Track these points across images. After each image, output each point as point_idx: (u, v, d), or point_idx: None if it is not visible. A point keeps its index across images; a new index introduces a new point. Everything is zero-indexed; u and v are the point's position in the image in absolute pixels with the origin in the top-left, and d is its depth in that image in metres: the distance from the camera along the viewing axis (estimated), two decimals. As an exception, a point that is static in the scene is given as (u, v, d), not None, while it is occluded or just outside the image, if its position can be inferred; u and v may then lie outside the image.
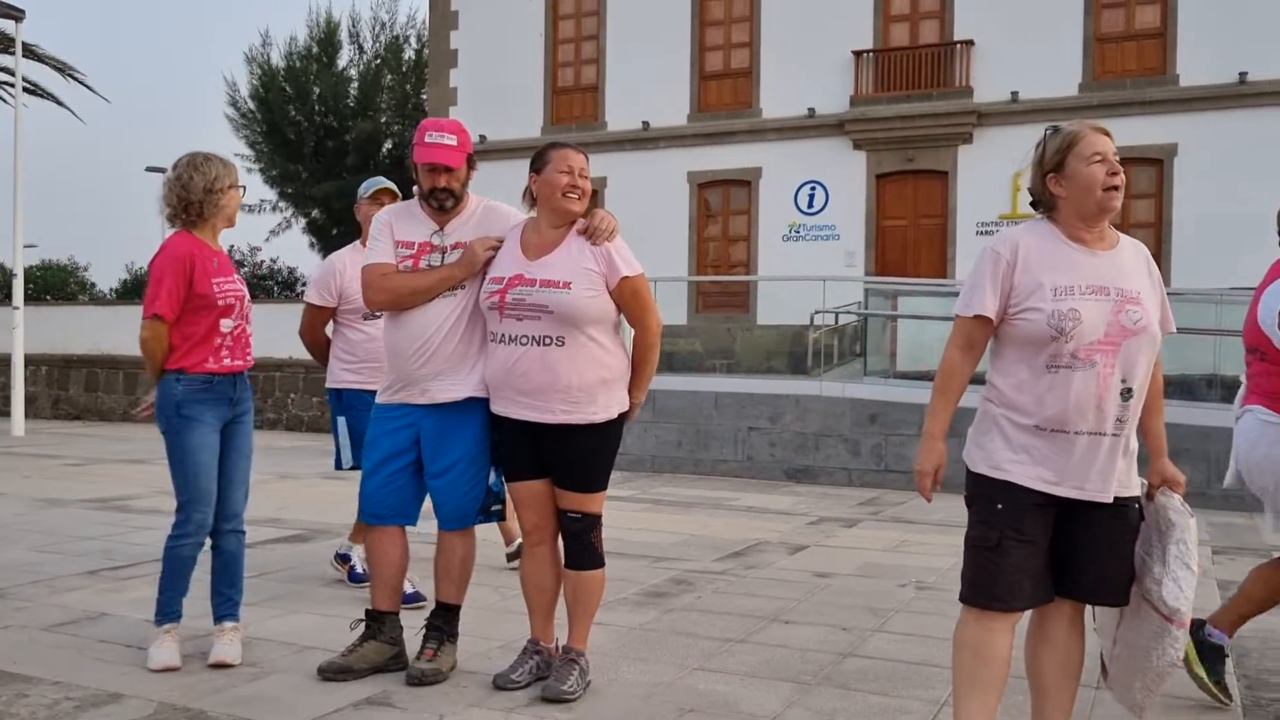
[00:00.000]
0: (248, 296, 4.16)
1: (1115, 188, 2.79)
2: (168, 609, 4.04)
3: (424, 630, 3.94)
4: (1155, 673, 2.87)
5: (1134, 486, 2.88)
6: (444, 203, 3.80)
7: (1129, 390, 2.77)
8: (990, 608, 2.83)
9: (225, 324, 4.03)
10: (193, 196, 3.99)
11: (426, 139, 3.78)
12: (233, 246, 28.74)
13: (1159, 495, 2.93)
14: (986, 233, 18.41)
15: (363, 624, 3.97)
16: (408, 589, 4.91)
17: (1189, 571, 2.77)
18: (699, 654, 4.25)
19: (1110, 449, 2.79)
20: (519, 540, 4.63)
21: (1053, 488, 2.80)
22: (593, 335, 3.63)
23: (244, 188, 4.22)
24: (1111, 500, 2.81)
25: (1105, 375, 2.75)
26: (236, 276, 4.13)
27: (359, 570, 5.30)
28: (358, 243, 5.10)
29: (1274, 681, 4.10)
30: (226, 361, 4.04)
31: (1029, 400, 2.80)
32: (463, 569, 3.95)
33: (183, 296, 3.95)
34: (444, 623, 3.94)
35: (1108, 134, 2.86)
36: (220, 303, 4.00)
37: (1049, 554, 2.85)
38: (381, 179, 5.24)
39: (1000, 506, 2.83)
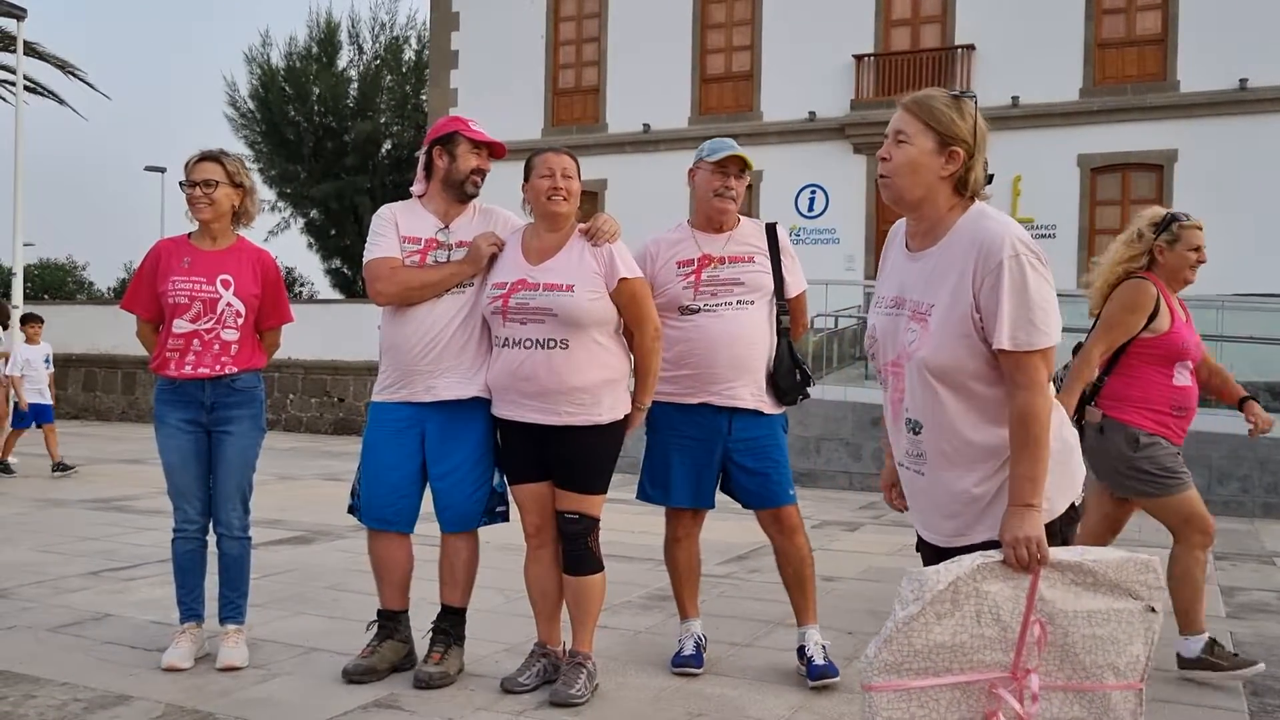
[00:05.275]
0: (227, 300, 3.97)
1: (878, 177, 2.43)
2: (179, 607, 4.08)
3: (431, 634, 3.94)
4: None
5: (980, 534, 2.37)
6: (478, 185, 3.85)
7: (911, 422, 2.40)
8: None
9: (180, 325, 3.94)
10: None
11: (474, 126, 3.86)
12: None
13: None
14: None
15: (376, 625, 3.98)
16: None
17: (881, 631, 2.26)
18: (705, 657, 4.24)
19: (914, 484, 2.47)
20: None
21: (919, 530, 2.54)
22: (596, 337, 3.64)
23: (192, 183, 3.94)
24: (948, 547, 2.41)
25: (895, 400, 2.45)
26: (222, 279, 3.97)
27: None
28: (684, 222, 4.15)
29: (1280, 688, 4.10)
30: (188, 369, 3.96)
31: None
32: (467, 572, 3.95)
33: (147, 293, 4.01)
34: (450, 626, 3.93)
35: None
36: (170, 301, 3.93)
37: None
38: (730, 142, 4.02)
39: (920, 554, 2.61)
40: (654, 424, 4.05)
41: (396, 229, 3.82)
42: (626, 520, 7.83)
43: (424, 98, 27.80)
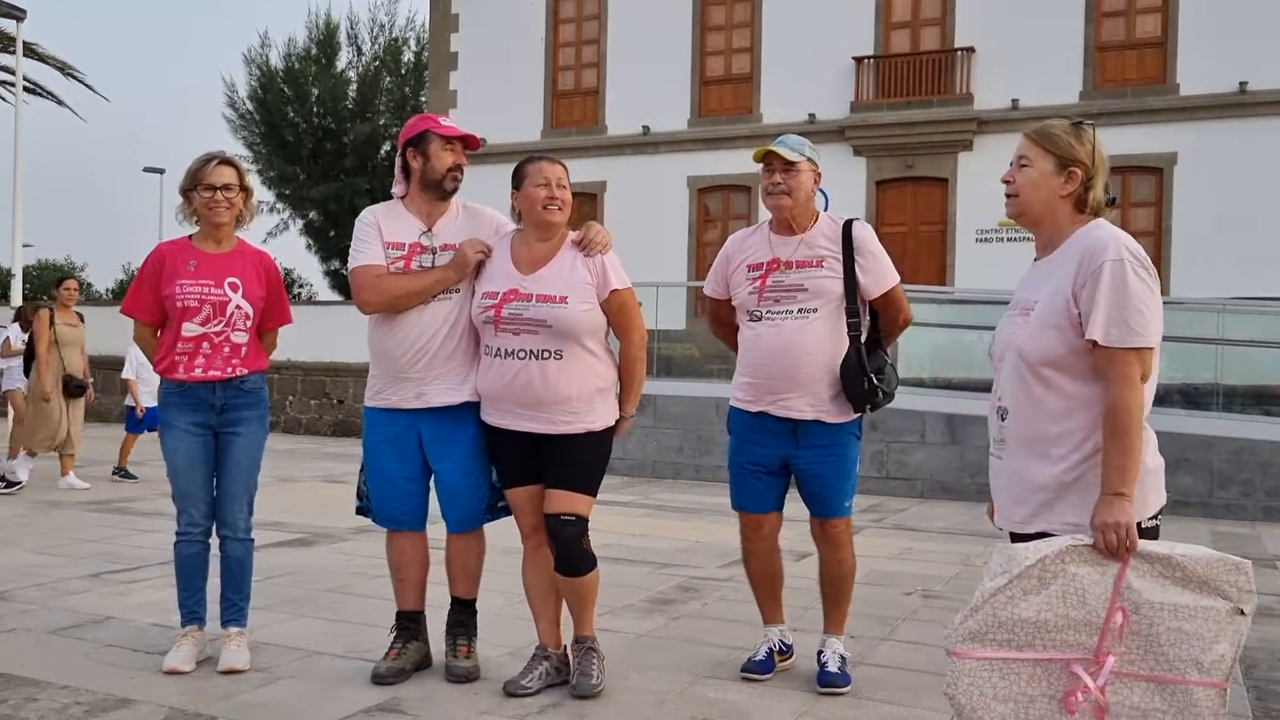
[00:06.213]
0: (236, 302, 3.97)
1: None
2: (181, 610, 4.06)
3: (452, 629, 3.97)
4: None
5: (1040, 524, 2.53)
6: (457, 181, 3.81)
7: (1001, 409, 2.63)
8: None
9: (189, 328, 3.92)
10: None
11: (444, 122, 3.83)
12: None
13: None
14: (985, 240, 18.43)
15: (396, 627, 3.99)
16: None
17: (970, 600, 2.39)
18: (708, 662, 4.24)
19: (994, 468, 2.68)
20: None
21: (997, 518, 2.71)
22: (588, 346, 3.66)
23: (212, 188, 3.91)
24: (1018, 533, 2.55)
25: (995, 391, 2.68)
26: (230, 282, 3.96)
27: None
28: (765, 223, 4.09)
29: (1284, 693, 4.09)
30: (198, 372, 3.94)
31: None
32: (479, 564, 4.00)
33: (150, 297, 3.98)
34: (468, 618, 3.99)
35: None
36: (179, 304, 3.91)
37: None
38: (781, 138, 4.11)
39: None
40: (731, 428, 4.08)
41: (380, 234, 3.79)
42: (628, 523, 7.83)
43: (423, 99, 27.79)
